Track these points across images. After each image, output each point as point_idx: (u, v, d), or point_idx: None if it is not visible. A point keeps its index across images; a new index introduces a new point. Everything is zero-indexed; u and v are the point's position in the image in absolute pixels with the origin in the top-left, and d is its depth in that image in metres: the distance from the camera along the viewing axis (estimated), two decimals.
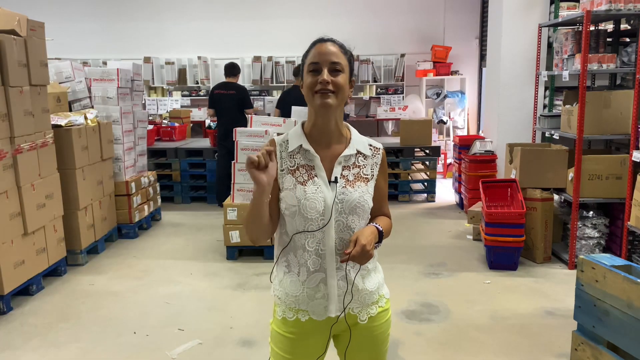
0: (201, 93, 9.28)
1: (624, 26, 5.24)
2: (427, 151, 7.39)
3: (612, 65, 4.48)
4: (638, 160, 3.96)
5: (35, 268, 4.20)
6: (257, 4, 9.18)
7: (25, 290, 4.14)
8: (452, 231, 5.82)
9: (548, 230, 4.75)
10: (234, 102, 6.66)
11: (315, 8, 9.12)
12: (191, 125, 8.67)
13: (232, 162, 4.98)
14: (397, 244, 5.32)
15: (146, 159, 6.35)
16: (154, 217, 6.31)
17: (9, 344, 3.44)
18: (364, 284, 1.69)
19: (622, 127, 4.47)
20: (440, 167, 8.43)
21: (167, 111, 8.93)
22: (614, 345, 2.61)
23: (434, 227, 5.98)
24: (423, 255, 5.02)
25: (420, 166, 7.51)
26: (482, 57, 8.76)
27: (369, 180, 1.69)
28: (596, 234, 4.63)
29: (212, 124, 7.82)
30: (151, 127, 7.53)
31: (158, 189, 6.39)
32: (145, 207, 5.95)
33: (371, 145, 1.73)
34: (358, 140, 1.71)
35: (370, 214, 1.71)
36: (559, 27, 5.41)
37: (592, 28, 4.73)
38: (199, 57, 9.09)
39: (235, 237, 4.91)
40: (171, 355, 3.27)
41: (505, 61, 5.97)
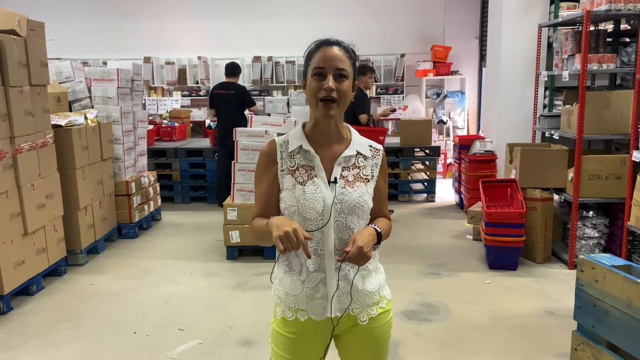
0: (201, 93, 9.28)
1: (624, 26, 5.23)
2: (427, 151, 7.39)
3: (612, 65, 4.48)
4: (638, 160, 3.96)
5: (35, 268, 4.20)
6: (257, 4, 9.18)
7: (25, 290, 4.14)
8: (452, 231, 5.82)
9: (548, 230, 4.75)
10: (234, 102, 6.66)
11: (316, 8, 9.11)
12: (191, 125, 8.67)
13: (232, 162, 4.99)
14: (397, 244, 5.32)
15: (146, 159, 6.35)
16: (154, 217, 6.31)
17: (9, 344, 3.44)
18: (364, 284, 1.68)
19: (622, 127, 4.47)
20: (440, 167, 8.43)
21: (167, 111, 8.93)
22: (614, 345, 2.62)
23: (434, 227, 5.98)
24: (423, 255, 5.02)
25: (420, 166, 7.51)
26: (482, 57, 8.75)
27: (368, 180, 1.69)
28: (596, 234, 4.63)
29: (212, 124, 7.82)
30: (151, 127, 7.53)
31: (158, 189, 6.39)
32: (145, 207, 5.95)
33: (371, 147, 1.73)
34: (358, 141, 1.72)
35: (370, 215, 1.71)
36: (559, 27, 5.41)
37: (592, 28, 4.73)
38: (199, 57, 9.08)
39: (235, 237, 4.91)
40: (171, 355, 3.28)
41: (505, 61, 5.97)
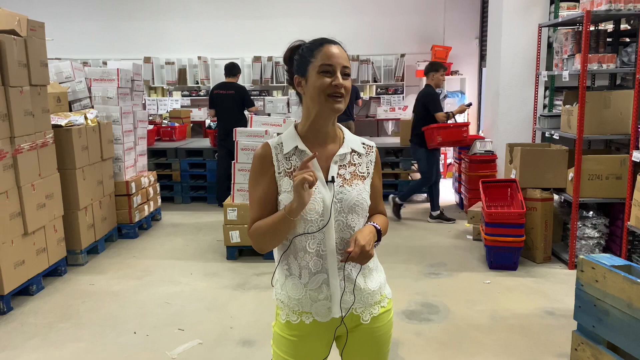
0: (201, 93, 9.28)
1: (624, 26, 5.24)
2: None
3: (612, 65, 4.48)
4: (638, 160, 3.96)
5: (35, 268, 4.20)
6: (257, 4, 9.18)
7: (26, 290, 4.14)
8: (452, 231, 5.82)
9: (548, 230, 4.75)
10: (234, 102, 6.66)
11: (316, 8, 9.12)
12: (191, 125, 8.68)
13: (232, 162, 4.99)
14: (397, 244, 5.33)
15: (146, 159, 6.35)
16: (154, 217, 6.31)
17: (9, 343, 3.44)
18: (365, 283, 1.68)
19: (622, 127, 4.47)
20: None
21: (167, 111, 8.94)
22: (614, 345, 2.62)
23: (434, 227, 5.98)
24: (423, 255, 5.02)
25: None
26: (482, 57, 8.76)
27: (365, 178, 1.70)
28: (596, 234, 4.63)
29: (212, 124, 7.82)
30: (151, 127, 7.54)
31: (158, 189, 6.39)
32: (145, 207, 5.95)
33: (364, 144, 1.74)
34: (351, 139, 1.72)
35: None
36: (559, 27, 5.41)
37: (592, 28, 4.73)
38: (199, 57, 9.09)
39: (235, 237, 4.91)
40: (171, 355, 3.28)
41: (505, 61, 5.97)
